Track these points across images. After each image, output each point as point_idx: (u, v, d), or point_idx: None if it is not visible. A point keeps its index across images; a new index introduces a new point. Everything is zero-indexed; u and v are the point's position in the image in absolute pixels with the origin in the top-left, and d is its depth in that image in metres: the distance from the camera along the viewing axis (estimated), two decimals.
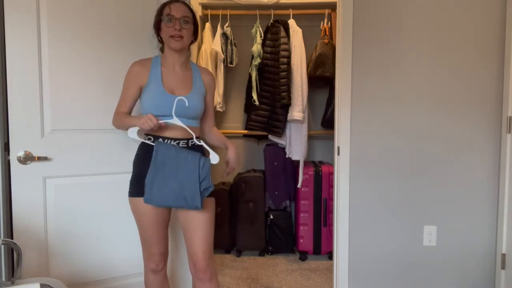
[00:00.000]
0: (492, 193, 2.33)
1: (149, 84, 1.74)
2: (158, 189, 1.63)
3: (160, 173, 1.64)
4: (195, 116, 1.79)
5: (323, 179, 3.28)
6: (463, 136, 2.32)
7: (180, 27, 1.71)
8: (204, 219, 1.73)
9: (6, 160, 1.84)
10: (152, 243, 1.78)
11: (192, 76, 1.83)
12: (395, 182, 2.35)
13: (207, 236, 1.73)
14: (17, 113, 1.79)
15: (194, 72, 1.85)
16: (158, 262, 1.81)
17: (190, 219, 1.73)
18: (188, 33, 1.76)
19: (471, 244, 2.35)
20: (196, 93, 1.79)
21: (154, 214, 1.74)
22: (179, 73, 1.80)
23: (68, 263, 1.93)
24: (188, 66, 1.85)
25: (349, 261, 2.38)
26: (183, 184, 1.63)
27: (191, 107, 1.73)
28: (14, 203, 1.81)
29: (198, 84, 1.82)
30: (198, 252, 1.72)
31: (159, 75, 1.75)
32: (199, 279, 1.74)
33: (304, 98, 3.14)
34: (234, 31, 3.36)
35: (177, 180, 1.64)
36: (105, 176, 1.99)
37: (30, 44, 1.79)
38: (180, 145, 1.74)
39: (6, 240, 1.60)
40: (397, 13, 2.28)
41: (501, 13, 2.26)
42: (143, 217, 1.75)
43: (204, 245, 1.72)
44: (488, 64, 2.28)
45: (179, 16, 1.71)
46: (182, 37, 1.73)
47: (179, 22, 1.71)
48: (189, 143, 1.77)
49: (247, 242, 3.35)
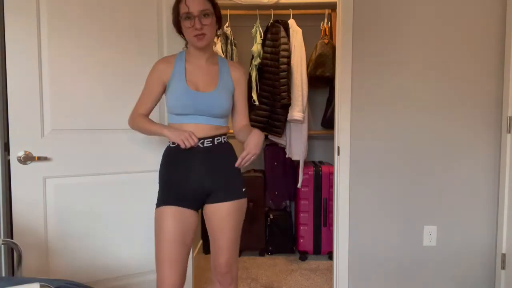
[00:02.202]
0: (492, 193, 2.33)
1: (172, 80, 1.65)
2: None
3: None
4: (220, 114, 1.67)
5: (323, 179, 3.28)
6: (463, 136, 2.32)
7: (201, 24, 1.57)
8: (232, 225, 1.66)
9: (6, 160, 1.83)
10: (166, 264, 1.56)
11: (218, 71, 1.70)
12: (395, 182, 2.34)
13: (232, 243, 1.67)
14: (17, 113, 1.79)
15: (222, 67, 1.72)
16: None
17: (217, 224, 1.66)
18: (211, 27, 1.61)
19: (471, 244, 2.35)
20: (222, 89, 1.67)
21: (178, 224, 1.58)
22: (204, 69, 1.68)
23: (68, 263, 1.93)
24: (214, 61, 1.72)
25: (349, 261, 2.38)
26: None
27: (217, 105, 1.63)
28: (14, 203, 1.81)
29: (225, 80, 1.70)
30: (222, 258, 1.67)
31: (182, 71, 1.65)
32: (218, 282, 1.72)
33: (304, 98, 3.14)
34: (234, 31, 3.36)
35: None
36: (105, 176, 1.99)
37: (30, 44, 1.79)
38: (205, 145, 1.64)
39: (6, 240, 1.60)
40: (397, 13, 2.28)
41: (501, 13, 2.26)
42: (165, 228, 1.58)
43: (227, 251, 1.67)
44: (488, 64, 2.28)
45: (197, 12, 1.56)
46: (205, 34, 1.59)
47: (198, 18, 1.56)
48: (215, 141, 1.66)
49: (247, 242, 3.34)
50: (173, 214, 1.58)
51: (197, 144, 1.58)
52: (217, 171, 1.66)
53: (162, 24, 2.06)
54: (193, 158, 1.63)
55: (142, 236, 2.08)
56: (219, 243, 1.67)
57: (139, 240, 2.08)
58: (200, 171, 1.63)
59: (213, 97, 1.63)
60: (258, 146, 1.55)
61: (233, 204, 1.66)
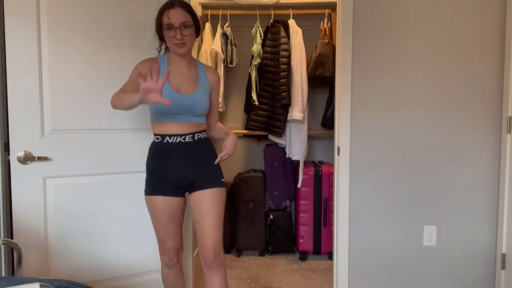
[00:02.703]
0: (492, 193, 2.33)
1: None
2: None
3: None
4: (201, 113, 1.82)
5: (323, 179, 3.28)
6: (463, 136, 2.32)
7: (182, 35, 1.73)
8: (215, 210, 1.79)
9: (6, 160, 1.84)
10: (166, 239, 1.84)
11: (197, 75, 1.87)
12: (395, 182, 2.34)
13: (216, 227, 1.79)
14: (17, 113, 1.79)
15: (200, 70, 1.88)
16: (172, 256, 1.87)
17: (201, 210, 1.79)
18: (190, 36, 1.78)
19: (471, 244, 2.35)
20: (202, 91, 1.83)
21: (168, 210, 1.80)
22: (185, 72, 1.84)
23: (68, 263, 1.93)
24: (193, 65, 1.89)
25: (349, 261, 2.38)
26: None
27: (197, 105, 1.78)
28: (14, 203, 1.81)
29: (203, 82, 1.86)
30: (208, 242, 1.78)
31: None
32: (207, 267, 1.81)
33: (304, 98, 3.14)
34: (234, 31, 3.36)
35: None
36: (105, 176, 1.99)
37: (30, 44, 1.79)
38: (187, 140, 1.79)
39: (6, 240, 1.60)
40: (397, 13, 2.28)
41: (501, 13, 2.26)
42: (157, 214, 1.81)
43: (213, 236, 1.78)
44: (488, 64, 2.28)
45: (179, 23, 1.72)
46: (185, 42, 1.75)
47: (179, 29, 1.72)
48: (195, 137, 1.82)
49: (247, 242, 3.35)
50: (161, 202, 1.80)
51: (161, 86, 1.49)
52: (198, 163, 1.82)
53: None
54: (176, 152, 1.79)
55: (142, 236, 2.08)
56: (204, 229, 1.79)
57: (139, 240, 2.08)
58: (183, 163, 1.79)
59: (194, 98, 1.78)
60: (234, 146, 1.87)
61: (216, 191, 1.81)
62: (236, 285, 2.78)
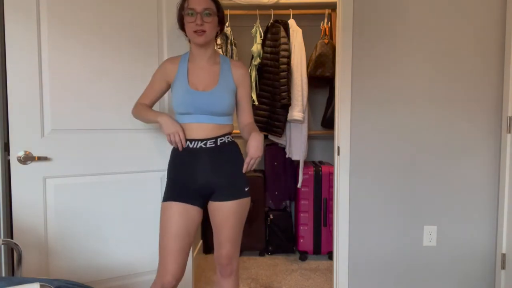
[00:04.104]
0: (492, 193, 2.33)
1: (175, 81, 1.74)
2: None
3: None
4: (221, 112, 1.70)
5: (323, 179, 3.28)
6: (463, 136, 2.32)
7: (202, 21, 1.64)
8: (232, 223, 1.72)
9: (6, 160, 1.84)
10: (170, 256, 1.65)
11: (219, 70, 1.75)
12: (395, 182, 2.35)
13: (233, 239, 1.75)
14: (17, 113, 1.79)
15: (223, 66, 1.77)
16: (169, 284, 1.65)
17: (219, 222, 1.73)
18: (212, 25, 1.68)
19: (471, 244, 2.35)
20: (223, 87, 1.71)
21: (182, 220, 1.67)
22: (205, 68, 1.74)
23: (68, 263, 1.93)
24: (216, 60, 1.78)
25: (349, 261, 2.38)
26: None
27: (216, 103, 1.68)
28: (14, 203, 1.81)
29: (225, 78, 1.74)
30: (224, 251, 1.75)
31: (185, 72, 1.73)
32: (220, 273, 1.82)
33: (304, 98, 3.14)
34: (234, 31, 3.36)
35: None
36: (105, 176, 1.99)
37: (30, 44, 1.79)
38: (208, 146, 1.69)
39: (6, 240, 1.60)
40: (397, 13, 2.28)
41: (501, 13, 2.26)
42: (170, 222, 1.66)
43: (228, 245, 1.75)
44: (488, 64, 2.29)
45: (201, 9, 1.64)
46: (205, 31, 1.66)
47: (201, 15, 1.63)
48: (218, 141, 1.71)
49: (247, 242, 3.34)
50: (178, 210, 1.67)
51: (185, 145, 1.68)
52: (221, 171, 1.71)
53: (162, 24, 2.06)
54: (198, 158, 1.70)
55: (142, 236, 2.08)
56: (220, 238, 1.75)
57: (139, 240, 2.08)
58: (205, 170, 1.70)
59: (212, 95, 1.68)
60: (259, 148, 1.64)
61: (236, 203, 1.72)
62: None
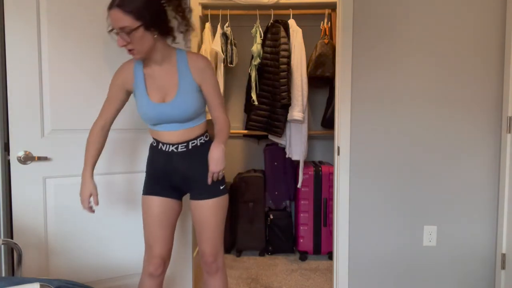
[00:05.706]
0: (492, 193, 2.33)
1: (136, 91, 1.67)
2: None
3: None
4: (188, 118, 1.65)
5: (323, 179, 3.28)
6: (463, 136, 2.32)
7: (124, 40, 1.51)
8: (213, 221, 1.73)
9: (6, 160, 1.84)
10: (155, 243, 1.72)
11: (177, 72, 1.64)
12: (395, 182, 2.34)
13: (214, 236, 1.75)
14: (17, 113, 1.79)
15: (180, 65, 1.65)
16: (158, 266, 1.73)
17: (200, 220, 1.74)
18: (136, 40, 1.51)
19: (471, 244, 2.35)
20: (183, 94, 1.62)
21: (162, 212, 1.72)
22: (162, 73, 1.65)
23: (68, 263, 1.93)
24: (172, 60, 1.65)
25: (349, 261, 2.38)
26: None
27: (179, 113, 1.62)
28: (14, 203, 1.81)
29: (185, 80, 1.64)
30: (206, 248, 1.75)
31: (142, 80, 1.65)
32: (206, 272, 1.81)
33: (304, 98, 3.14)
34: (234, 31, 3.36)
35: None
36: (105, 176, 1.99)
37: (30, 44, 1.79)
38: (179, 150, 1.68)
39: (6, 240, 1.60)
40: (397, 13, 2.28)
41: (501, 13, 2.26)
42: (150, 215, 1.72)
43: (210, 243, 1.75)
44: (488, 64, 2.28)
45: (117, 28, 1.50)
46: (133, 48, 1.53)
47: (120, 35, 1.51)
48: (189, 145, 1.69)
49: (247, 242, 3.35)
50: (157, 203, 1.72)
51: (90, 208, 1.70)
52: (195, 172, 1.71)
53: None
54: (171, 160, 1.71)
55: (142, 236, 2.08)
56: (202, 236, 1.75)
57: (139, 240, 2.08)
58: (179, 170, 1.71)
59: (174, 106, 1.61)
60: (219, 162, 1.58)
61: (214, 202, 1.72)
62: (236, 285, 2.78)
